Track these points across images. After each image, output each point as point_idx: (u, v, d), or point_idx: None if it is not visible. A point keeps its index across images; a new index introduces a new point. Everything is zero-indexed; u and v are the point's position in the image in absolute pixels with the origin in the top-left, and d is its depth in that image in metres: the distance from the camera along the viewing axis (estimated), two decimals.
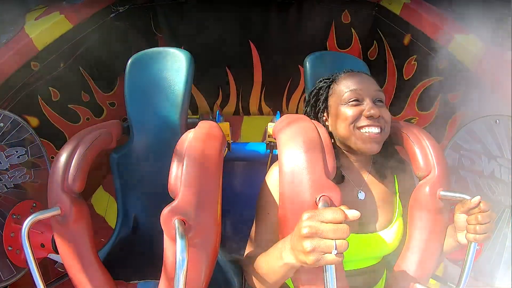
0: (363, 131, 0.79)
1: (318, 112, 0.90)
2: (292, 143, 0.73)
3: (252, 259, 0.77)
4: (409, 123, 0.92)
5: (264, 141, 1.19)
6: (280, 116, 0.96)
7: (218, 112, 1.42)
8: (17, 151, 1.14)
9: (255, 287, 0.76)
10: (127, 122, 1.14)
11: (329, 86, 0.89)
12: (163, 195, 0.73)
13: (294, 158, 0.71)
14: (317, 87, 0.93)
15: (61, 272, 1.00)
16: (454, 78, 1.36)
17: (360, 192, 0.86)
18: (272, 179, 0.81)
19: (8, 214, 1.06)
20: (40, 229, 0.99)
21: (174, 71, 1.12)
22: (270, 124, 1.13)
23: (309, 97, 0.95)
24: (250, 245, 0.85)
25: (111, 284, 0.89)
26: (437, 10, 1.41)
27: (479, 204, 0.70)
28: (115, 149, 1.12)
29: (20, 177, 1.15)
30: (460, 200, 0.74)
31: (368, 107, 0.79)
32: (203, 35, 1.78)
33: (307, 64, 1.09)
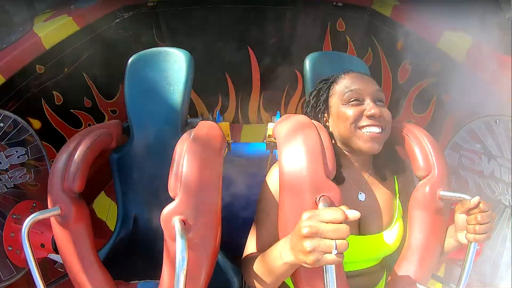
0: (364, 131, 0.79)
1: (318, 113, 0.90)
2: (292, 143, 0.73)
3: (251, 259, 0.77)
4: (409, 123, 0.92)
5: (264, 141, 1.19)
6: (280, 116, 0.96)
7: (218, 112, 1.42)
8: (17, 151, 1.14)
9: (254, 287, 0.76)
10: (127, 122, 1.14)
11: (329, 87, 0.89)
12: (163, 195, 0.73)
13: (294, 158, 0.71)
14: (317, 88, 0.93)
15: (61, 272, 1.00)
16: (447, 77, 1.37)
17: (360, 193, 0.85)
18: (272, 179, 0.81)
19: (8, 214, 1.06)
20: (40, 229, 0.99)
21: (174, 71, 1.12)
22: (270, 124, 1.13)
23: (309, 98, 0.95)
24: (250, 245, 0.85)
25: (111, 284, 0.89)
26: (425, 8, 1.42)
27: (479, 204, 0.70)
28: (115, 149, 1.12)
29: (20, 177, 1.15)
30: (460, 200, 0.74)
31: (369, 107, 0.79)
32: (204, 43, 1.80)
33: (307, 64, 1.09)
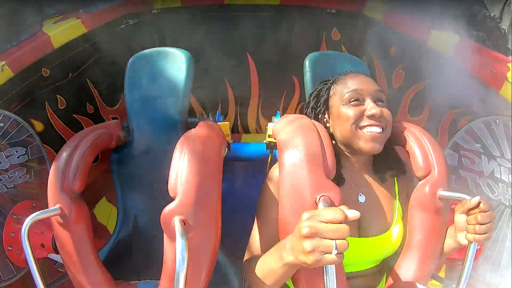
0: (365, 131, 0.79)
1: (318, 114, 0.90)
2: (292, 143, 0.73)
3: (252, 260, 0.77)
4: (409, 123, 0.92)
5: (264, 141, 1.19)
6: (280, 116, 0.96)
7: (218, 112, 1.42)
8: (17, 151, 1.14)
9: None
10: (127, 122, 1.14)
11: (329, 88, 0.88)
12: (163, 195, 0.73)
13: (294, 158, 0.71)
14: (317, 89, 0.93)
15: (61, 272, 1.00)
16: (441, 78, 1.37)
17: (360, 195, 0.85)
18: (273, 180, 0.81)
19: (8, 214, 1.06)
20: (40, 229, 0.99)
21: (174, 71, 1.12)
22: (270, 124, 1.13)
23: (309, 98, 0.95)
24: (251, 246, 0.84)
25: (111, 284, 0.89)
26: (414, 10, 1.43)
27: (479, 204, 0.70)
28: (115, 149, 1.12)
29: (20, 177, 1.15)
30: (460, 200, 0.74)
31: (370, 107, 0.79)
32: (206, 50, 1.82)
33: (307, 64, 1.09)
